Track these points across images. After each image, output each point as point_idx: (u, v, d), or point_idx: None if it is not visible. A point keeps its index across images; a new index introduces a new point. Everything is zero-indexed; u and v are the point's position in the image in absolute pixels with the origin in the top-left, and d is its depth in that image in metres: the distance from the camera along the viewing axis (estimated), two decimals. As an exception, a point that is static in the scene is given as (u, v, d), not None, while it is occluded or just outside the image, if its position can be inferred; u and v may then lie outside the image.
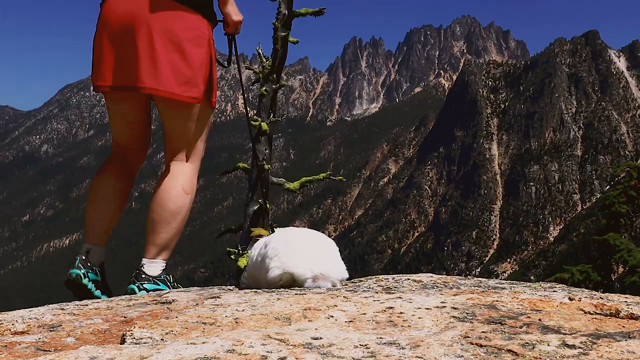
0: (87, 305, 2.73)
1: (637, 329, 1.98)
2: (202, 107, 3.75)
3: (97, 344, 2.07)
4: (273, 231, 3.39)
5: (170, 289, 3.55)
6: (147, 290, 3.47)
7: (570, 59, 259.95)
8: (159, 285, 3.57)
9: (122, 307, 2.66)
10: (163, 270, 3.65)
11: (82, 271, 3.56)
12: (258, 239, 3.37)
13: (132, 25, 3.53)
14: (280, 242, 3.07)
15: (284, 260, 2.96)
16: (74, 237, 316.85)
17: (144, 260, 3.64)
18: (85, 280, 3.55)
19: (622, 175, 18.91)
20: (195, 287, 3.38)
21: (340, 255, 3.23)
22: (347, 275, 3.13)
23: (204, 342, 1.82)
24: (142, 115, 3.88)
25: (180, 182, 3.72)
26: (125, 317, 2.42)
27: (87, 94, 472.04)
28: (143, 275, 3.57)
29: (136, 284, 3.53)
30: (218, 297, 2.66)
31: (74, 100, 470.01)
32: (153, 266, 3.62)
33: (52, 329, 2.30)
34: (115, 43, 3.59)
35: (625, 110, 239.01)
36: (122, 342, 1.98)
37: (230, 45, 3.91)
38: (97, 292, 3.61)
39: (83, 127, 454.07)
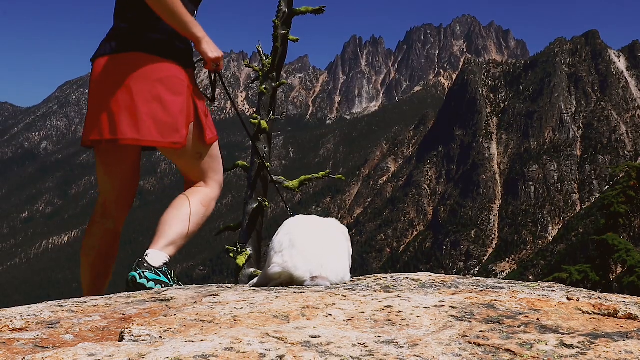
0: (85, 302, 2.73)
1: (635, 329, 1.98)
2: (199, 146, 3.92)
3: (95, 341, 2.07)
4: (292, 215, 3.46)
5: (170, 282, 3.61)
6: (148, 280, 3.54)
7: (570, 58, 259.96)
8: (160, 276, 3.60)
9: (121, 304, 2.65)
10: (165, 264, 3.69)
11: (138, 272, 3.62)
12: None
13: (114, 80, 3.74)
14: (285, 237, 3.07)
15: (286, 259, 2.98)
16: (72, 234, 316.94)
17: (149, 250, 3.71)
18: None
19: (621, 176, 18.90)
20: (194, 285, 3.38)
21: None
22: (348, 278, 3.14)
23: (202, 340, 1.82)
24: (129, 169, 4.03)
25: (198, 196, 3.96)
26: (123, 315, 2.41)
27: (87, 90, 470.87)
28: (145, 264, 3.60)
29: (137, 272, 3.56)
30: (217, 295, 2.66)
31: (74, 97, 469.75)
32: (157, 257, 3.67)
33: (50, 326, 2.29)
34: (100, 98, 3.80)
35: (625, 110, 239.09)
36: (121, 339, 1.97)
37: (214, 81, 4.06)
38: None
39: (82, 124, 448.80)
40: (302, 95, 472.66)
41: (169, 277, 3.66)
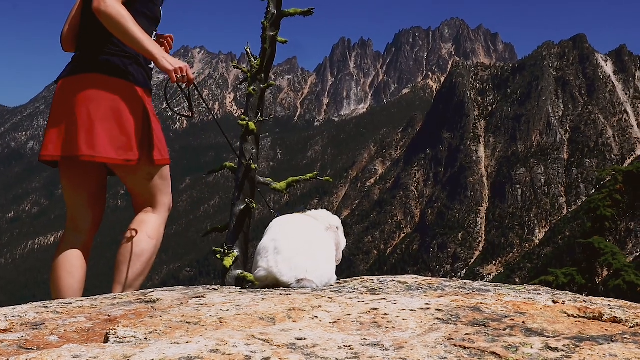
0: (70, 303, 2.72)
1: (619, 332, 1.98)
2: (149, 166, 4.00)
3: (80, 342, 2.05)
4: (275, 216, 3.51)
5: None
6: None
7: (558, 62, 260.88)
8: None
9: (106, 305, 2.64)
10: None
11: None
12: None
13: (72, 100, 3.87)
14: (270, 243, 3.07)
15: (271, 265, 2.99)
16: (59, 234, 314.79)
17: None
18: None
19: (607, 179, 18.94)
20: (180, 287, 3.36)
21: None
22: (334, 280, 3.15)
23: (187, 342, 1.82)
24: (93, 185, 4.15)
25: (145, 229, 4.03)
26: (109, 316, 2.41)
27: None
28: None
29: None
30: (203, 297, 2.66)
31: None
32: None
33: (35, 327, 2.29)
34: (58, 117, 3.93)
35: (612, 114, 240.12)
36: (106, 340, 1.96)
37: (188, 95, 4.12)
38: None
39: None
40: (291, 97, 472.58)
41: None
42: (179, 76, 3.80)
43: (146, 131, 3.92)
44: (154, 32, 4.12)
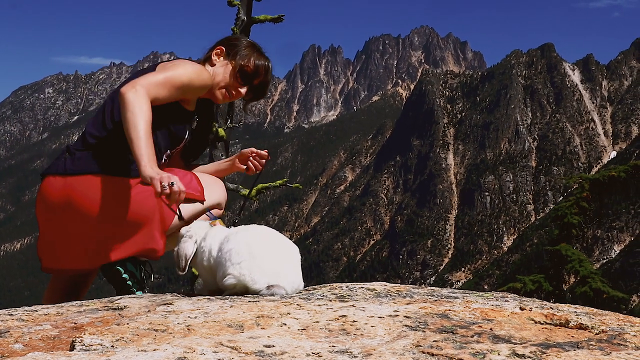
0: (36, 311, 2.67)
1: (585, 339, 2.00)
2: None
3: (46, 350, 2.02)
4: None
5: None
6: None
7: (526, 70, 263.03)
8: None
9: (73, 313, 2.60)
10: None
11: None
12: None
13: (68, 204, 3.51)
14: (244, 248, 3.01)
15: (244, 272, 2.94)
16: (25, 241, 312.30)
17: None
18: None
19: (574, 187, 19.10)
20: (148, 294, 3.34)
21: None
22: (302, 286, 3.13)
23: (154, 349, 1.80)
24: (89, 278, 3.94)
25: None
26: (75, 324, 2.36)
27: (42, 96, 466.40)
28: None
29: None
30: (170, 304, 2.63)
31: (28, 102, 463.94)
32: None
33: (-1, 335, 2.24)
34: (54, 220, 3.60)
35: (579, 122, 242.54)
36: (72, 348, 1.93)
37: (179, 215, 3.44)
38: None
39: (37, 130, 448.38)
40: (260, 104, 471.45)
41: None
42: (164, 186, 3.11)
43: (158, 217, 3.56)
44: (169, 151, 3.77)
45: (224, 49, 3.84)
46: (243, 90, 3.86)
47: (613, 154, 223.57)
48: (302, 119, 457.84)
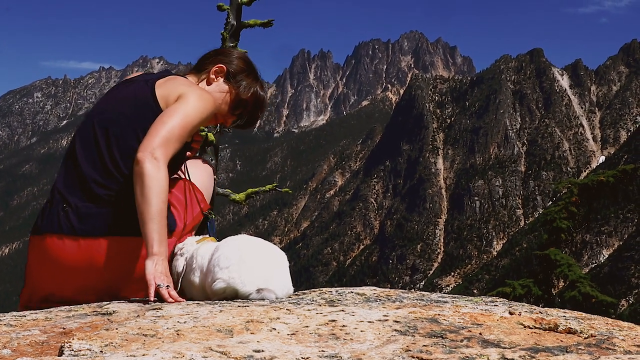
0: (25, 316, 2.64)
1: (574, 343, 2.01)
2: None
3: (34, 356, 2.02)
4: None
5: None
6: None
7: (515, 75, 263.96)
8: None
9: (61, 318, 2.57)
10: None
11: None
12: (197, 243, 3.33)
13: (89, 266, 3.21)
14: (234, 253, 2.99)
15: (233, 276, 2.90)
16: (14, 245, 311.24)
17: None
18: None
19: (563, 192, 19.17)
20: (137, 298, 3.32)
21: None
22: (292, 291, 3.09)
23: (144, 355, 1.80)
24: None
25: None
26: (64, 329, 2.33)
27: (30, 100, 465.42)
28: None
29: None
30: (160, 309, 2.61)
31: (17, 106, 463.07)
32: None
33: (-14, 341, 2.21)
34: (62, 278, 3.27)
35: (568, 127, 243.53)
36: (60, 354, 1.93)
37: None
38: None
39: (25, 134, 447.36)
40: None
41: None
42: (153, 294, 2.92)
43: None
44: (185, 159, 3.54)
45: (225, 68, 3.59)
46: (231, 119, 3.68)
47: (602, 158, 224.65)
48: (291, 124, 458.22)
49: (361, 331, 2.14)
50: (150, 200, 2.98)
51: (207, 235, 3.46)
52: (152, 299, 2.87)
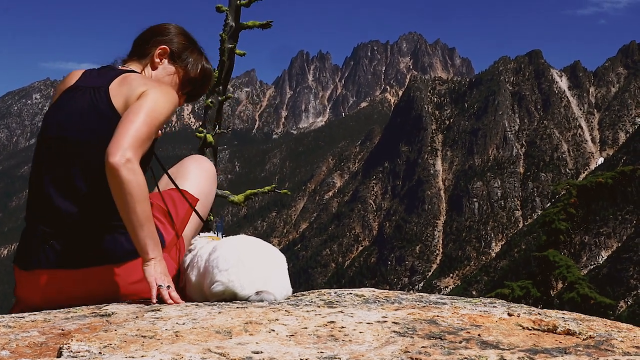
0: (23, 317, 2.63)
1: (573, 345, 2.01)
2: None
3: (33, 357, 2.01)
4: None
5: None
6: None
7: (514, 77, 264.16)
8: None
9: (60, 319, 2.56)
10: None
11: None
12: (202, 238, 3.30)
13: (88, 295, 3.09)
14: (232, 255, 2.97)
15: (232, 278, 2.89)
16: (12, 247, 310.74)
17: None
18: None
19: (562, 193, 19.14)
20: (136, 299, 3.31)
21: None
22: (290, 293, 3.09)
23: (142, 356, 1.79)
24: None
25: None
26: (62, 330, 2.32)
27: (29, 101, 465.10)
28: None
29: None
30: (158, 310, 2.60)
31: (15, 108, 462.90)
32: None
33: (-15, 342, 2.19)
34: (58, 303, 3.08)
35: (566, 129, 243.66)
36: (59, 355, 1.92)
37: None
38: None
39: (24, 136, 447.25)
40: (249, 110, 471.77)
41: None
42: (155, 296, 2.88)
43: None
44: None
45: (168, 49, 3.40)
46: (183, 99, 3.51)
47: (600, 160, 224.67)
48: (290, 125, 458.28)
49: (360, 332, 2.14)
50: (135, 208, 2.83)
51: (216, 235, 3.43)
52: (154, 301, 2.82)
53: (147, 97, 3.04)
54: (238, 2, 12.18)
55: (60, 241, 3.05)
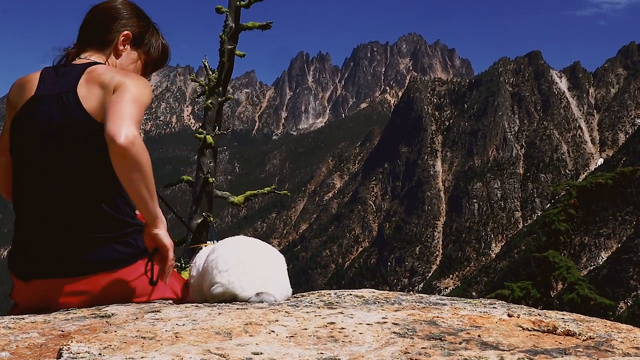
0: (23, 318, 2.62)
1: (573, 346, 2.01)
2: None
3: (33, 358, 2.02)
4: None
5: None
6: None
7: (514, 78, 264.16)
8: None
9: (60, 320, 2.55)
10: None
11: None
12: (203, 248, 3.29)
13: (91, 300, 3.02)
14: (231, 256, 2.95)
15: (232, 280, 2.86)
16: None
17: None
18: None
19: (562, 194, 19.15)
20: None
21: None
22: (290, 294, 3.08)
23: (142, 357, 1.80)
24: None
25: None
26: (62, 331, 2.31)
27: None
28: None
29: None
30: (158, 311, 2.59)
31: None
32: None
33: (-15, 344, 2.19)
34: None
35: (566, 129, 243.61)
36: (59, 356, 1.93)
37: (151, 268, 3.03)
38: None
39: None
40: (249, 111, 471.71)
41: None
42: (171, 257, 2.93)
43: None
44: None
45: (130, 35, 3.22)
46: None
47: (600, 161, 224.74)
48: (290, 126, 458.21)
49: (360, 333, 2.13)
50: (148, 183, 2.78)
51: (211, 243, 3.40)
52: (171, 258, 2.84)
53: (125, 88, 2.87)
54: (238, 3, 12.20)
55: (54, 250, 2.96)
